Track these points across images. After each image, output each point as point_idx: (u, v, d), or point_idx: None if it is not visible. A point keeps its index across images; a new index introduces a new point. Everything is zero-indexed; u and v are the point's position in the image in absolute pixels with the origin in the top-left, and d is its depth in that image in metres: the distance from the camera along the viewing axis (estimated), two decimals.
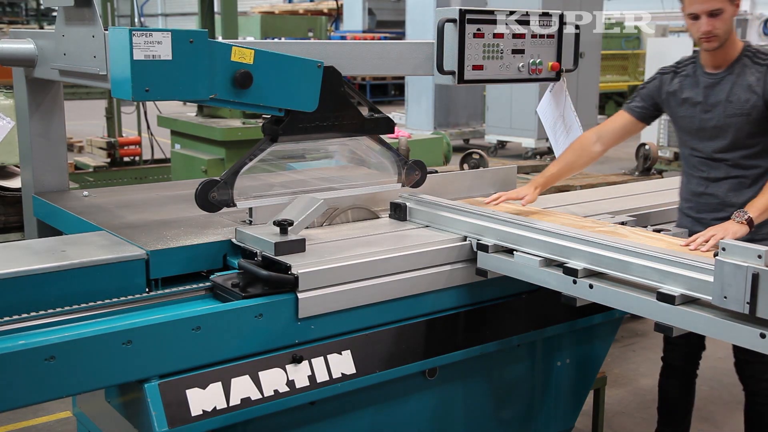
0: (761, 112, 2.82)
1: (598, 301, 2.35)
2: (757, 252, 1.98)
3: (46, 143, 3.39)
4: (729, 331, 2.04)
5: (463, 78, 2.99)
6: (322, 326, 2.45)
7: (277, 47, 2.61)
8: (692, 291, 2.14)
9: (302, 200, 2.68)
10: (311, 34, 15.89)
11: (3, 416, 3.83)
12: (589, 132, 3.10)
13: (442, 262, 2.68)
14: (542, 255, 2.50)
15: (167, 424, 2.16)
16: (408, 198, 3.02)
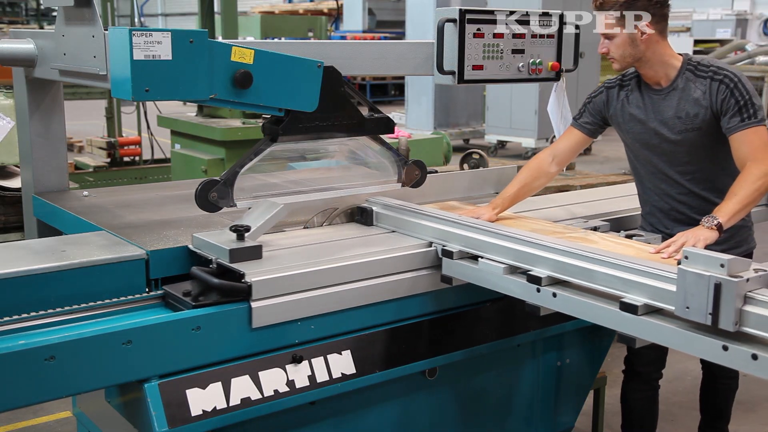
0: (711, 125, 2.76)
1: (562, 310, 2.29)
2: (720, 261, 1.90)
3: (46, 143, 3.39)
4: (691, 343, 1.98)
5: (463, 78, 2.99)
6: (277, 336, 2.38)
7: (277, 47, 2.61)
8: (656, 301, 2.08)
9: (262, 205, 2.63)
10: (311, 34, 15.89)
11: (3, 416, 3.83)
12: (543, 152, 3.06)
13: (405, 269, 2.61)
14: (507, 262, 2.44)
15: (167, 424, 2.16)
16: (374, 202, 2.95)
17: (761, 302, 1.86)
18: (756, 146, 2.63)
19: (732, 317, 1.86)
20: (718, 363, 1.92)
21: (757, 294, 1.88)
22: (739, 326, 1.87)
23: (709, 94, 2.73)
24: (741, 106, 2.67)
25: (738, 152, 2.67)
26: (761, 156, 2.61)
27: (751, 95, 2.68)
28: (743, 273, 1.91)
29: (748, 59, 10.36)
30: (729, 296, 1.87)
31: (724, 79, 2.70)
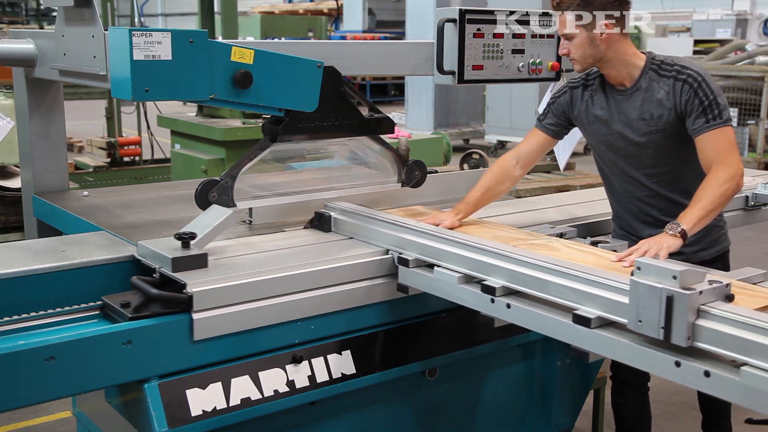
0: (676, 126, 2.64)
1: (515, 322, 2.19)
2: (672, 272, 1.80)
3: (46, 143, 3.39)
4: (644, 358, 1.87)
5: (463, 78, 2.99)
6: (222, 348, 2.28)
7: (277, 47, 2.61)
8: (609, 313, 1.96)
9: (212, 211, 2.53)
10: (311, 34, 15.90)
11: (3, 416, 3.83)
12: (508, 155, 2.95)
13: (358, 277, 2.49)
14: (462, 271, 2.33)
15: (167, 424, 2.15)
16: (332, 207, 2.84)
17: (715, 316, 1.76)
18: (721, 148, 2.53)
19: (684, 332, 1.76)
20: (671, 380, 1.82)
21: (711, 307, 1.78)
22: (692, 341, 1.77)
23: (673, 95, 2.62)
24: (705, 107, 2.56)
25: (703, 154, 2.57)
26: (727, 158, 2.51)
27: (715, 95, 2.57)
28: (697, 285, 1.81)
29: (748, 59, 10.36)
30: (681, 310, 1.77)
31: (687, 79, 2.59)
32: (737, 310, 1.77)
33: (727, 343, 1.72)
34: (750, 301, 1.93)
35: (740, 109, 9.67)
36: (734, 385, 1.68)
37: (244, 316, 2.28)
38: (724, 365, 1.73)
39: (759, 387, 1.64)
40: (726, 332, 1.72)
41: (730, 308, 1.78)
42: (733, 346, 1.71)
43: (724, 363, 1.73)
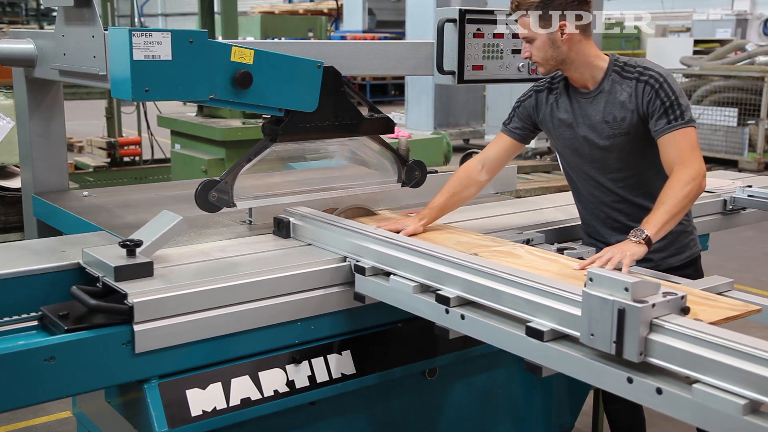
0: (640, 129, 2.58)
1: (469, 333, 2.11)
2: (624, 284, 1.71)
3: (46, 143, 3.39)
4: (596, 374, 1.80)
5: (463, 78, 2.99)
6: (167, 361, 2.19)
7: (277, 47, 2.61)
8: (563, 326, 1.87)
9: (160, 217, 2.44)
10: (311, 34, 15.91)
11: (3, 416, 3.83)
12: (474, 159, 2.87)
13: (313, 286, 2.41)
14: (417, 280, 2.25)
15: (167, 424, 2.15)
16: (292, 213, 2.75)
17: (668, 330, 1.68)
18: (683, 149, 2.47)
19: (636, 347, 1.68)
20: (624, 397, 1.75)
21: (665, 321, 1.70)
22: (644, 356, 1.70)
23: (635, 97, 2.56)
24: (667, 107, 2.50)
25: (665, 156, 2.51)
26: (689, 159, 2.45)
27: (677, 95, 2.51)
28: (650, 297, 1.73)
29: (748, 59, 10.36)
30: (633, 323, 1.68)
31: (649, 80, 2.54)
32: (691, 324, 1.69)
33: (679, 358, 1.65)
34: (711, 312, 1.89)
35: (740, 109, 9.67)
36: (686, 403, 1.61)
37: (189, 327, 2.18)
38: (676, 382, 1.66)
39: (710, 405, 1.57)
40: (678, 347, 1.65)
41: (684, 322, 1.70)
42: (685, 362, 1.64)
43: (677, 380, 1.66)
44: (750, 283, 6.38)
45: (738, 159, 9.62)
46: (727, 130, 9.74)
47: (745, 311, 1.94)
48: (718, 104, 9.91)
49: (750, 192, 3.45)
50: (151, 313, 2.13)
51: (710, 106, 9.99)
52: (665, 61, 11.20)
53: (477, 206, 3.34)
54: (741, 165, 9.57)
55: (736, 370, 1.55)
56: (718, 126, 9.84)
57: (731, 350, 1.57)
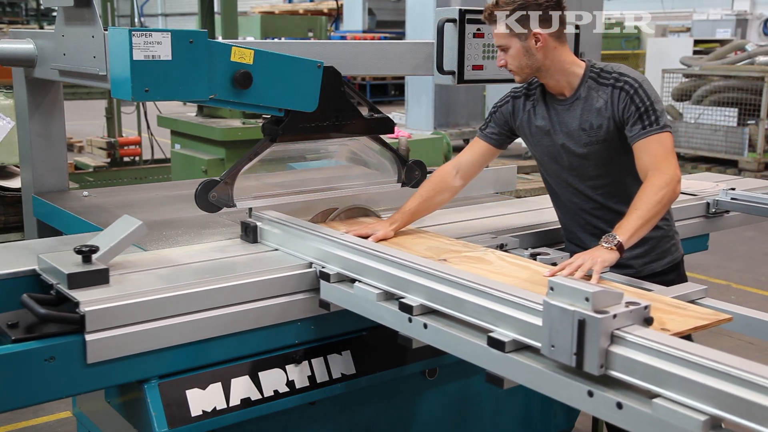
0: (617, 136, 2.54)
1: (432, 343, 2.04)
2: (585, 294, 1.64)
3: (46, 143, 3.39)
4: (557, 387, 1.72)
5: (463, 78, 2.99)
6: (121, 372, 2.12)
7: (277, 47, 2.61)
8: (525, 336, 1.81)
9: (121, 223, 2.36)
10: (311, 34, 15.90)
11: (3, 416, 3.83)
12: (448, 164, 2.83)
13: (276, 293, 2.34)
14: (381, 287, 2.18)
15: (167, 424, 2.15)
16: (259, 217, 2.70)
17: (629, 342, 1.62)
18: (658, 154, 2.43)
19: (596, 359, 1.62)
20: (585, 411, 1.69)
21: (626, 332, 1.64)
22: (605, 369, 1.63)
23: (611, 103, 2.52)
24: (642, 113, 2.46)
25: (640, 162, 2.47)
26: (663, 165, 2.41)
27: (652, 100, 2.48)
28: (611, 308, 1.66)
29: (748, 59, 10.36)
30: (593, 335, 1.62)
31: (624, 86, 2.50)
32: (653, 335, 1.63)
33: (640, 372, 1.59)
34: (679, 322, 1.84)
35: (740, 109, 9.67)
36: (646, 418, 1.55)
37: (143, 337, 2.11)
38: (637, 396, 1.59)
39: (670, 421, 1.50)
40: (639, 360, 1.59)
41: (646, 333, 1.63)
42: (646, 375, 1.58)
43: (639, 394, 1.60)
44: (750, 283, 6.38)
45: (738, 159, 9.61)
46: (727, 130, 9.73)
47: (715, 320, 1.89)
48: (718, 104, 9.92)
49: (733, 195, 3.38)
50: (103, 323, 2.05)
51: (710, 106, 9.99)
52: (665, 61, 11.21)
53: (477, 206, 3.34)
54: (741, 165, 9.56)
55: (697, 384, 1.49)
56: (718, 126, 9.84)
57: (692, 364, 1.52)
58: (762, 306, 6.32)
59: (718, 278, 6.50)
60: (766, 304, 5.84)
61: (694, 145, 10.10)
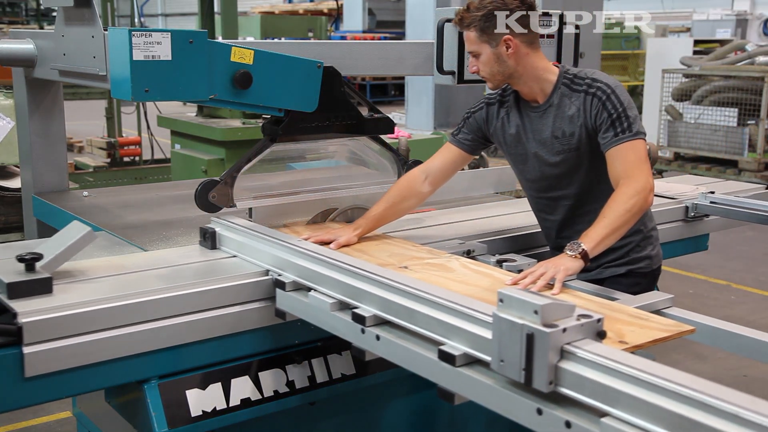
0: (590, 144, 2.47)
1: (384, 356, 1.96)
2: (534, 306, 1.56)
3: (46, 143, 3.39)
4: (507, 404, 1.64)
5: (463, 78, 3.00)
6: (62, 386, 2.02)
7: (277, 47, 2.61)
8: (476, 350, 1.72)
9: (69, 229, 2.27)
10: (311, 34, 15.90)
11: (3, 416, 3.83)
12: (417, 169, 2.75)
13: (229, 302, 2.24)
14: (336, 296, 2.11)
15: (167, 424, 2.15)
16: (218, 223, 2.61)
17: (579, 358, 1.54)
18: (630, 162, 2.36)
19: (545, 375, 1.54)
20: (535, 430, 1.60)
21: (577, 347, 1.55)
22: (554, 386, 1.55)
23: (583, 110, 2.45)
24: (614, 119, 2.40)
25: (612, 170, 2.40)
26: (635, 173, 2.34)
27: (625, 106, 2.41)
28: (561, 321, 1.58)
29: (748, 59, 10.35)
30: (542, 349, 1.53)
31: (596, 92, 2.43)
32: (604, 351, 1.54)
33: (589, 389, 1.51)
34: (639, 334, 1.79)
35: (740, 109, 9.67)
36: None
37: (86, 349, 2.00)
38: (587, 415, 1.51)
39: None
40: (588, 377, 1.51)
41: (596, 348, 1.55)
42: (595, 393, 1.49)
43: (589, 412, 1.51)
44: (750, 283, 6.38)
45: (738, 159, 9.60)
46: (727, 130, 9.73)
47: (677, 332, 1.84)
48: (718, 104, 9.91)
49: (712, 198, 3.31)
50: (43, 334, 1.94)
51: (710, 106, 9.98)
52: (665, 61, 11.19)
53: (477, 206, 3.34)
54: (741, 165, 9.56)
55: (647, 404, 1.41)
56: (718, 126, 9.83)
57: (643, 382, 1.44)
58: (762, 306, 6.32)
59: (718, 278, 6.50)
60: (766, 304, 5.84)
61: (694, 145, 10.09)
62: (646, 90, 11.91)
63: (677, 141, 10.32)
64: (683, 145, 10.28)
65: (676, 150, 10.31)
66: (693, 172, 9.93)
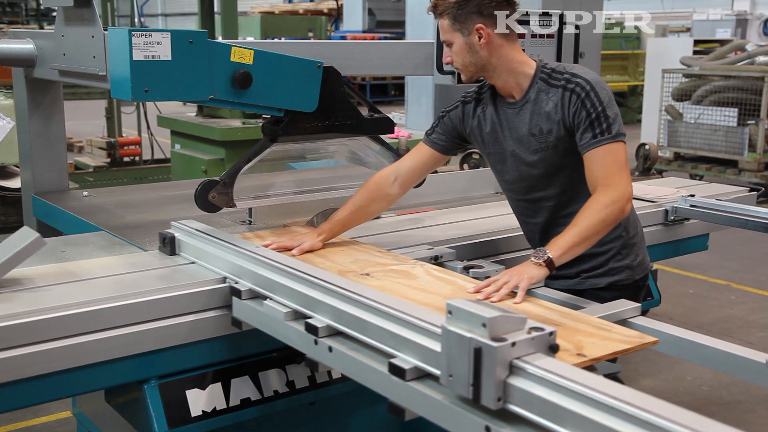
0: (567, 142, 2.36)
1: (336, 368, 1.91)
2: (482, 319, 1.48)
3: (46, 143, 3.39)
4: (456, 420, 1.57)
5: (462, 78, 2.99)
6: (5, 398, 1.96)
7: (277, 47, 2.61)
8: (426, 364, 1.64)
9: (18, 235, 2.19)
10: (311, 34, 15.89)
11: (3, 416, 3.83)
12: (386, 170, 2.63)
13: (182, 311, 2.15)
14: (290, 305, 2.03)
15: (167, 424, 2.16)
16: (178, 228, 2.52)
17: (527, 374, 1.46)
18: (608, 167, 2.26)
19: (493, 391, 1.46)
20: None
21: (526, 362, 1.48)
22: (503, 403, 1.48)
23: (561, 107, 2.33)
24: (593, 120, 2.28)
25: (589, 174, 2.30)
26: (613, 180, 2.25)
27: (605, 105, 2.29)
28: (511, 334, 1.50)
29: (748, 59, 10.35)
30: (490, 364, 1.46)
31: (575, 89, 2.32)
32: (553, 366, 1.46)
33: (538, 407, 1.43)
34: (599, 346, 1.74)
35: (740, 109, 9.66)
36: None
37: (26, 361, 1.93)
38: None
39: None
40: (536, 394, 1.43)
41: (546, 364, 1.47)
42: (543, 411, 1.42)
43: (539, 430, 1.45)
44: (750, 283, 6.38)
45: (738, 159, 9.60)
46: (727, 130, 9.72)
47: (639, 344, 1.78)
48: (718, 104, 9.90)
49: (692, 202, 3.24)
50: None
51: (710, 106, 9.98)
52: (665, 61, 11.19)
53: (476, 207, 3.34)
54: (741, 165, 9.55)
55: (595, 424, 1.34)
56: (718, 126, 9.83)
57: (591, 401, 1.36)
58: (762, 306, 6.33)
59: (718, 278, 6.50)
60: (766, 304, 5.84)
61: (694, 145, 10.09)
62: (646, 90, 11.91)
63: (677, 141, 10.32)
64: (683, 145, 10.28)
65: (676, 150, 10.31)
66: (693, 172, 9.93)
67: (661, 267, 5.53)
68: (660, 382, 4.51)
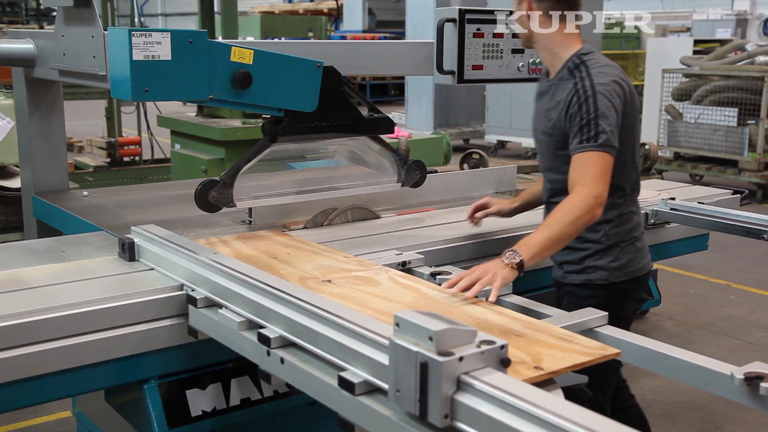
0: (560, 133, 2.44)
1: (288, 380, 1.83)
2: (429, 332, 1.40)
3: (46, 143, 3.39)
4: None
5: (462, 78, 2.99)
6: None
7: (277, 47, 2.61)
8: (376, 378, 1.57)
9: None
10: (311, 34, 15.89)
11: (3, 416, 3.83)
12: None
13: (133, 320, 2.08)
14: (244, 315, 1.96)
15: (167, 424, 2.15)
16: (138, 233, 2.46)
17: (475, 390, 1.38)
18: (586, 172, 2.31)
19: (439, 408, 1.39)
20: None
21: (474, 378, 1.40)
22: (450, 420, 1.41)
23: (566, 102, 2.42)
24: (583, 126, 2.34)
25: (570, 175, 2.36)
26: (589, 183, 2.28)
27: (598, 114, 2.33)
28: (459, 348, 1.42)
29: (748, 59, 10.35)
30: (436, 380, 1.39)
31: (579, 91, 2.39)
32: (502, 382, 1.39)
33: (485, 426, 1.36)
34: (559, 358, 1.69)
35: (740, 109, 9.67)
36: None
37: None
38: None
39: None
40: (483, 412, 1.36)
41: (494, 380, 1.39)
42: (491, 430, 1.36)
43: None
44: (750, 283, 6.38)
45: (738, 159, 9.60)
46: (727, 130, 9.72)
47: (600, 356, 1.73)
48: (718, 104, 9.91)
49: (673, 205, 3.20)
50: None
51: (710, 106, 9.98)
52: (665, 61, 11.18)
53: None
54: (741, 165, 9.56)
55: None
56: (718, 126, 9.83)
57: (539, 420, 1.29)
58: (762, 306, 6.33)
59: (718, 278, 6.50)
60: (766, 304, 5.84)
61: (694, 145, 10.09)
62: (646, 90, 11.90)
63: (677, 141, 10.32)
64: (683, 145, 10.28)
65: (676, 150, 10.31)
66: (693, 172, 9.93)
67: (661, 267, 5.53)
68: (660, 381, 4.51)
